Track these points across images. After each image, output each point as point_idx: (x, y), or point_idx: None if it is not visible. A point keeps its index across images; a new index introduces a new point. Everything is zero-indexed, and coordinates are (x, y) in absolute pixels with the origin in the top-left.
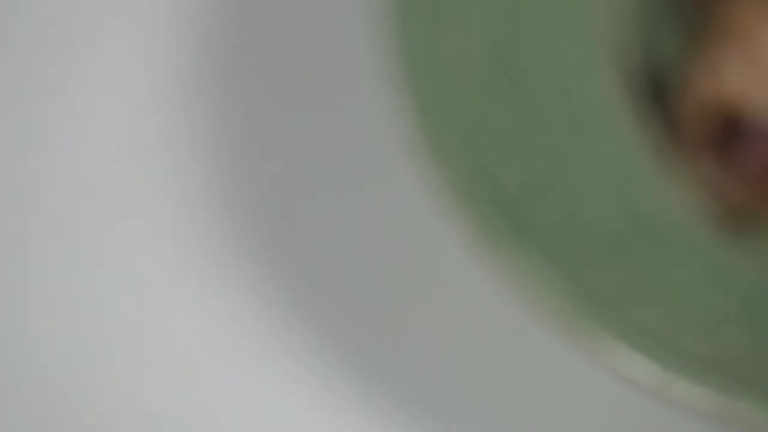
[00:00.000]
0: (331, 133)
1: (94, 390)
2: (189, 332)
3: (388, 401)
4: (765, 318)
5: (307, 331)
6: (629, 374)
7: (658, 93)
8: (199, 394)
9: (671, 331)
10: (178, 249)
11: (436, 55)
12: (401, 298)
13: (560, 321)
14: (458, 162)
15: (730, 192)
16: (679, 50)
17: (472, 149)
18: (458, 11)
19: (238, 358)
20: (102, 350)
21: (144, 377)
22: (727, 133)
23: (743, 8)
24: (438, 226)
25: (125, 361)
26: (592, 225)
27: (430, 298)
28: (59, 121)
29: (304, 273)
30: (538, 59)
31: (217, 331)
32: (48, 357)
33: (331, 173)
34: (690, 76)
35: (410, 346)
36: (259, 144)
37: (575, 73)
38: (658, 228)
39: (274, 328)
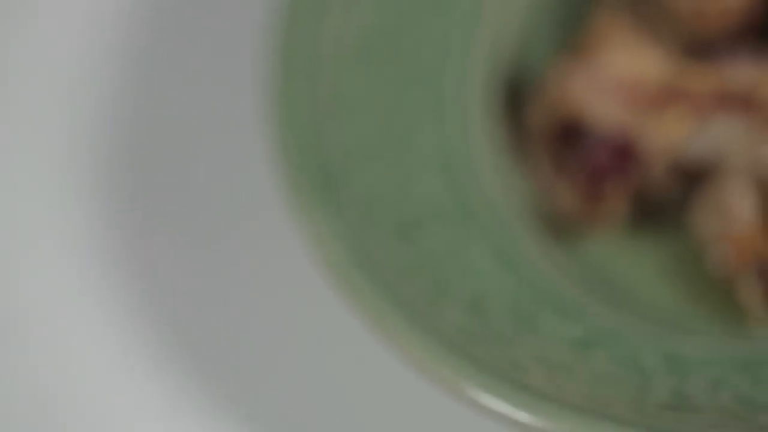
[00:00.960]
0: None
1: None
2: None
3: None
4: (528, 306)
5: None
6: (389, 337)
7: (524, 96)
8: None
9: (432, 305)
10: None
11: (314, 30)
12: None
13: (339, 282)
14: (296, 129)
15: (560, 198)
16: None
17: (314, 118)
18: None
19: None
20: None
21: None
22: (565, 141)
23: (602, 25)
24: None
25: None
26: (401, 203)
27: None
28: None
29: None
30: (413, 47)
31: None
32: None
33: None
34: (545, 82)
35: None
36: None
37: (443, 65)
38: (464, 217)
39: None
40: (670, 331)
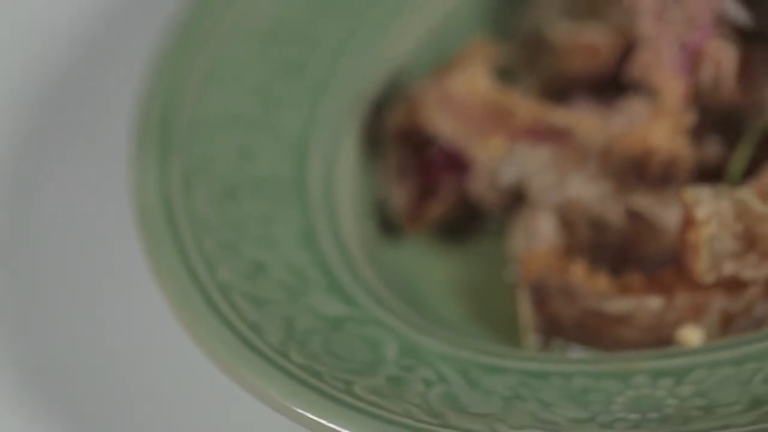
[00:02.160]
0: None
1: None
2: None
3: None
4: (304, 280)
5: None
6: (158, 277)
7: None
8: None
9: (209, 261)
10: None
11: (221, 10)
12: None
13: (142, 225)
14: (156, 91)
15: (394, 197)
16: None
17: (180, 85)
18: None
19: None
20: None
21: None
22: (411, 147)
23: (467, 49)
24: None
25: None
26: (235, 171)
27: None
28: None
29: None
30: (312, 40)
31: None
32: None
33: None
34: (408, 91)
35: None
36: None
37: (335, 61)
38: (291, 195)
39: None
40: (427, 331)
